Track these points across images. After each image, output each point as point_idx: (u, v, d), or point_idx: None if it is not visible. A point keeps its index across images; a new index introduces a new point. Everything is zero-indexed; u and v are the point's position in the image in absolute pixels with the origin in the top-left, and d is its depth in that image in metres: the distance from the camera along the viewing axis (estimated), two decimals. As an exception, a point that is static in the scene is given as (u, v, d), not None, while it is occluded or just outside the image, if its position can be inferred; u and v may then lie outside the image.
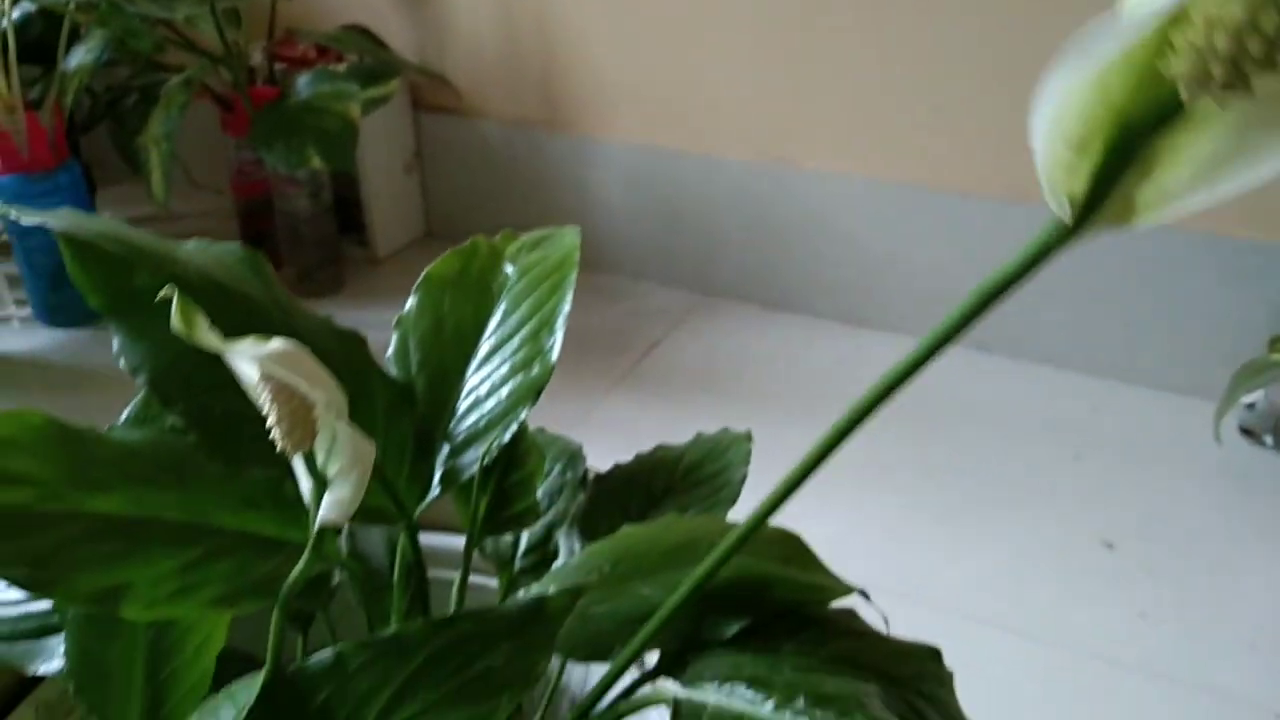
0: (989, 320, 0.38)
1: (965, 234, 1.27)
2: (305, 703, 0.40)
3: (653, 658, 0.48)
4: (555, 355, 0.49)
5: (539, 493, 0.57)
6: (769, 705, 0.38)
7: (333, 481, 0.38)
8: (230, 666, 0.46)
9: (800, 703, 0.37)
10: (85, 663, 0.43)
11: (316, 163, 1.18)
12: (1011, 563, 1.04)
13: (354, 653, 0.40)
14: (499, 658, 0.41)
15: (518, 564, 0.57)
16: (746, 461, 0.59)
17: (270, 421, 0.35)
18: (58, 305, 1.40)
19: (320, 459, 0.37)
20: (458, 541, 0.62)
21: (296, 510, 0.43)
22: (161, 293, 0.35)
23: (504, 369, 0.50)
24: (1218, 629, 0.96)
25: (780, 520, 0.42)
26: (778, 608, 0.49)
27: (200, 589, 0.38)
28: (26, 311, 1.43)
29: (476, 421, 0.49)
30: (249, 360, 0.33)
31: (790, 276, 1.39)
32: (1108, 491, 1.13)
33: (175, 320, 0.32)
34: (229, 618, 0.45)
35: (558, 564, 0.56)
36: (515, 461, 0.55)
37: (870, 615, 0.51)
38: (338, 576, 0.57)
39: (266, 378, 0.34)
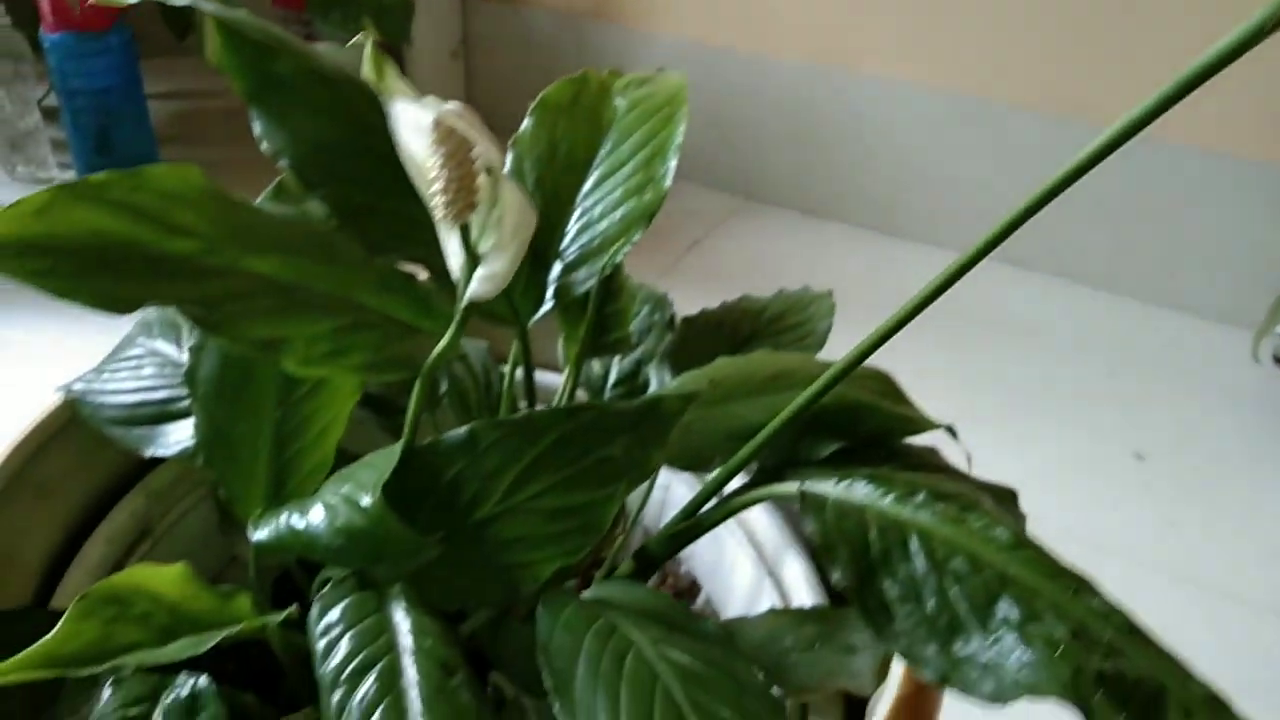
0: (1030, 237, 0.40)
1: (1013, 150, 1.27)
2: (438, 475, 0.42)
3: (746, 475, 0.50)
4: (668, 182, 0.50)
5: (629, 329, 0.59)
6: (890, 498, 0.39)
7: (486, 256, 0.39)
8: (341, 464, 0.47)
9: (921, 496, 0.39)
10: (215, 438, 0.45)
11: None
12: (1044, 469, 1.06)
13: (486, 431, 0.42)
14: (617, 448, 0.43)
15: (608, 394, 0.59)
16: (830, 315, 0.61)
17: (436, 188, 0.36)
18: (102, 169, 1.40)
19: (475, 233, 0.39)
20: (550, 378, 0.63)
21: (428, 303, 0.45)
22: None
23: (617, 193, 0.51)
24: (1243, 541, 0.99)
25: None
26: (869, 436, 0.50)
27: (349, 354, 0.39)
28: (71, 175, 1.44)
29: (589, 241, 0.50)
30: (428, 116, 0.34)
31: (833, 184, 1.39)
32: (1140, 408, 1.15)
33: (366, 68, 0.33)
34: (349, 410, 0.47)
35: (651, 392, 0.57)
36: (613, 293, 0.56)
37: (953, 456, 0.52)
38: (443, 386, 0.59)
39: (443, 137, 0.35)
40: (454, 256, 0.40)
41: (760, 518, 0.57)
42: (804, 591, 0.54)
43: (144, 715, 0.39)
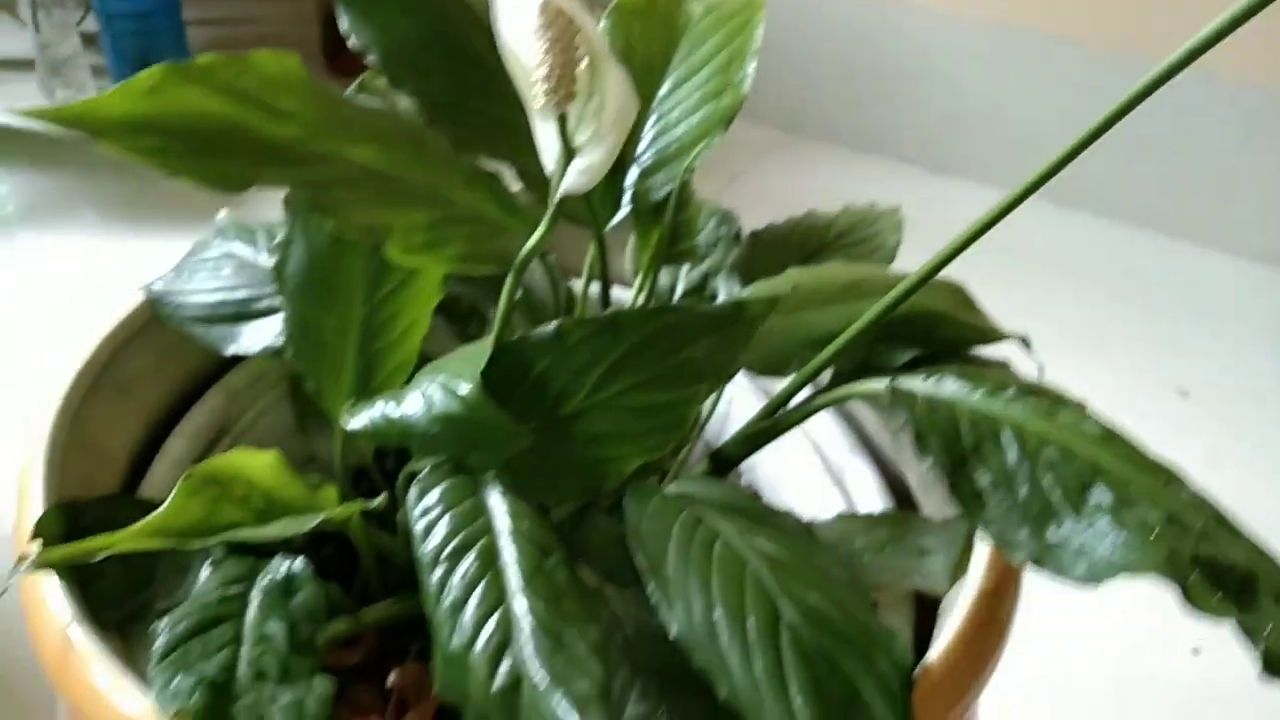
0: (1077, 174, 0.40)
1: (1062, 85, 1.26)
2: (527, 369, 0.42)
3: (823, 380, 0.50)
4: (747, 86, 0.50)
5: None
6: (979, 394, 0.40)
7: (583, 148, 0.39)
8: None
9: (1011, 392, 0.39)
10: (303, 332, 0.46)
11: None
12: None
13: (574, 328, 0.42)
14: (700, 350, 0.43)
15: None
16: (899, 231, 0.61)
17: (539, 73, 0.36)
18: (143, 96, 1.41)
19: (571, 124, 0.39)
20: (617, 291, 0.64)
21: (510, 201, 0.45)
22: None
23: (694, 98, 0.51)
24: (1286, 475, 0.99)
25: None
26: (943, 345, 0.51)
27: (445, 245, 0.40)
28: (111, 100, 1.44)
29: (666, 146, 0.51)
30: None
31: (879, 118, 1.38)
32: (1184, 346, 1.14)
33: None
34: (432, 309, 0.47)
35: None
36: (683, 203, 0.56)
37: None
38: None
39: (551, 19, 0.35)
40: (549, 148, 0.40)
41: (825, 427, 0.58)
42: (871, 499, 0.54)
43: (243, 594, 0.40)
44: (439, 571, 0.37)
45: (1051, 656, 0.80)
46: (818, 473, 0.57)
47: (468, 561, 0.37)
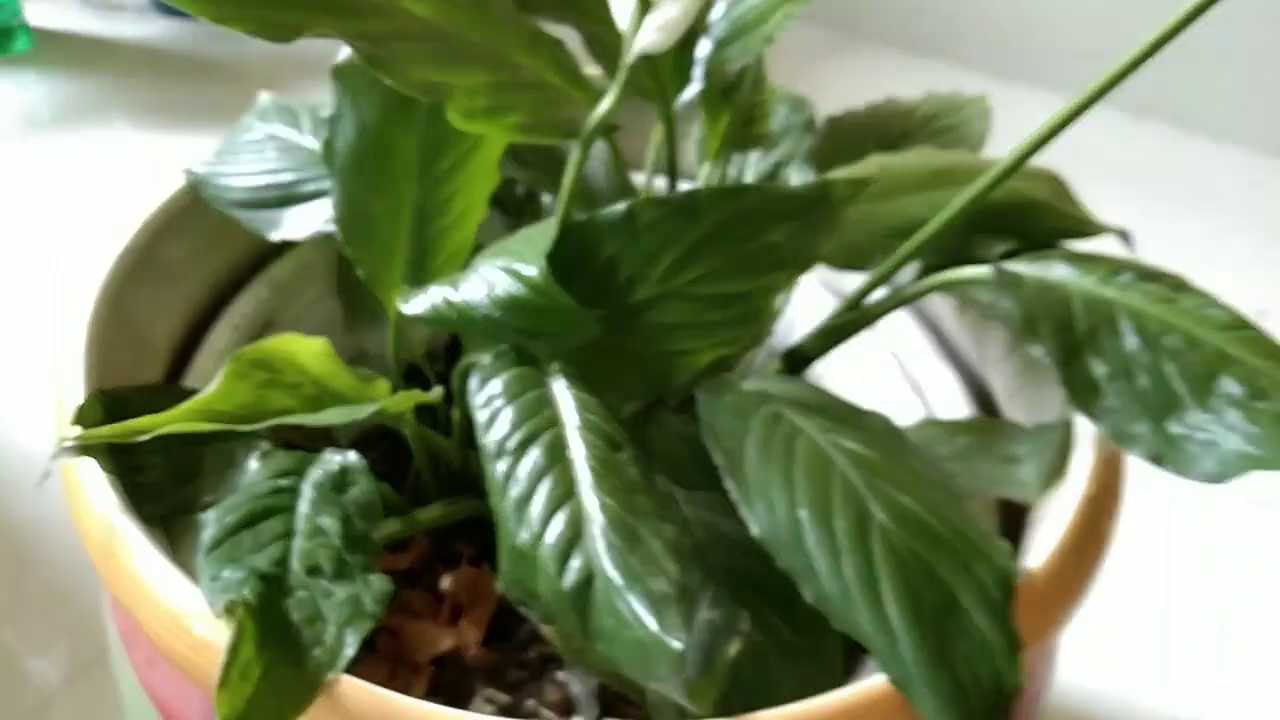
0: (1149, 82, 0.36)
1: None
2: (594, 253, 0.39)
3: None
4: (832, -48, 0.46)
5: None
6: (1092, 278, 0.36)
7: (658, 2, 0.35)
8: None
9: (1127, 276, 0.36)
10: (354, 213, 0.43)
11: None
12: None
13: (646, 208, 0.39)
14: (781, 234, 0.40)
15: (745, 196, 0.56)
16: (987, 117, 0.57)
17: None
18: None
19: (650, -27, 0.35)
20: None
21: (573, 69, 0.41)
22: None
23: (772, -35, 0.47)
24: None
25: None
26: (1040, 236, 0.47)
27: (507, 111, 0.37)
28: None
29: (743, 15, 0.46)
30: None
31: (941, 20, 1.32)
32: (1263, 263, 1.09)
33: None
34: (489, 193, 0.44)
35: (799, 188, 0.54)
36: (756, 82, 0.52)
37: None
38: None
39: None
40: (622, 2, 0.36)
41: (902, 329, 0.55)
42: (953, 406, 0.51)
43: (293, 487, 0.37)
44: (504, 463, 0.34)
45: (1145, 575, 0.77)
46: (894, 377, 0.54)
47: (534, 453, 0.35)
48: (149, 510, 0.39)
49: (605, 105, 0.37)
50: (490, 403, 0.36)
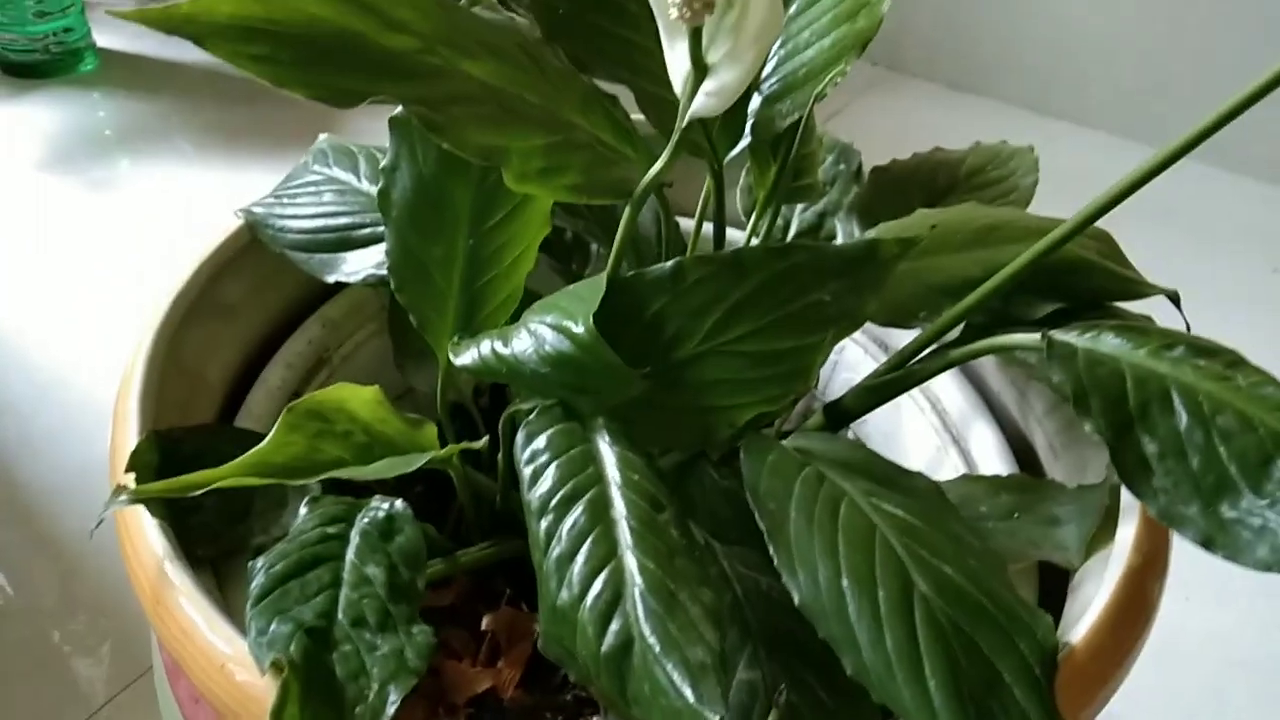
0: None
1: (1183, 20, 1.17)
2: (641, 310, 0.40)
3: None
4: (885, 7, 0.46)
5: (815, 178, 0.55)
6: (1144, 350, 0.36)
7: (716, 67, 0.36)
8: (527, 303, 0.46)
9: (1180, 350, 0.35)
10: (407, 262, 0.44)
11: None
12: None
13: (693, 266, 0.39)
14: (828, 292, 0.40)
15: (789, 247, 0.56)
16: (1035, 170, 0.56)
17: (673, -16, 0.33)
18: None
19: (706, 39, 0.35)
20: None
21: (626, 127, 0.42)
22: None
23: (825, 20, 0.47)
24: None
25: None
26: (1088, 297, 0.47)
27: (561, 173, 0.37)
28: None
29: (794, 71, 0.47)
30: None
31: (983, 55, 1.31)
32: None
33: None
34: (539, 243, 0.45)
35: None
36: (805, 134, 0.53)
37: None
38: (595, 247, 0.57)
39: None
40: (678, 67, 0.37)
41: (946, 384, 0.54)
42: (994, 462, 0.51)
43: (341, 534, 0.38)
44: (547, 520, 0.35)
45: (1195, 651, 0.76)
46: (935, 432, 0.54)
47: (577, 512, 0.35)
48: (201, 551, 0.40)
49: (656, 168, 0.38)
50: (535, 458, 0.37)
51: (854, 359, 0.60)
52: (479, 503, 0.50)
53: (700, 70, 0.36)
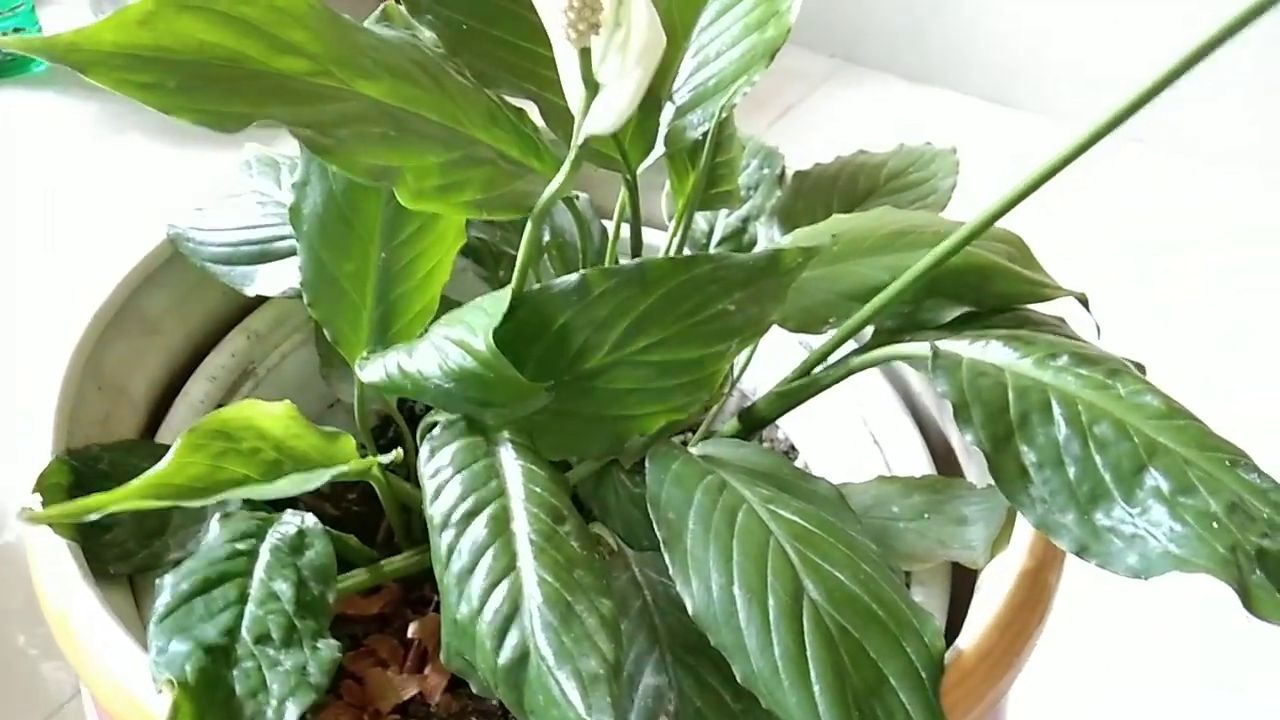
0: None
1: (1141, 13, 1.18)
2: (547, 322, 0.40)
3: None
4: (793, 16, 0.47)
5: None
6: (1029, 360, 0.37)
7: (607, 85, 0.36)
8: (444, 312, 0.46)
9: (1064, 359, 0.36)
10: (320, 277, 0.44)
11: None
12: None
13: (598, 278, 0.40)
14: (732, 303, 0.41)
15: (711, 250, 0.57)
16: (955, 172, 0.57)
17: (559, 4, 0.34)
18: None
19: (596, 59, 0.36)
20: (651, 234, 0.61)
21: (536, 142, 0.42)
22: None
23: (735, 29, 0.48)
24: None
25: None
26: (996, 300, 0.47)
27: (460, 190, 0.38)
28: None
29: (705, 81, 0.47)
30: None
31: (942, 47, 1.32)
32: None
33: None
34: (454, 255, 0.45)
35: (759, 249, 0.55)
36: (723, 142, 0.53)
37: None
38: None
39: (571, -54, 0.32)
40: (571, 85, 0.37)
41: (867, 381, 0.55)
42: (911, 461, 0.52)
43: (251, 550, 0.39)
44: (449, 535, 0.36)
45: (1090, 639, 0.77)
46: (857, 429, 0.55)
47: (478, 526, 0.36)
48: (116, 568, 0.41)
49: (555, 185, 0.38)
50: (438, 473, 0.37)
51: (783, 357, 0.61)
52: (407, 512, 0.51)
53: (591, 89, 0.36)
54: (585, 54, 0.35)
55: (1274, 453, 0.40)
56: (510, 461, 0.38)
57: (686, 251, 0.54)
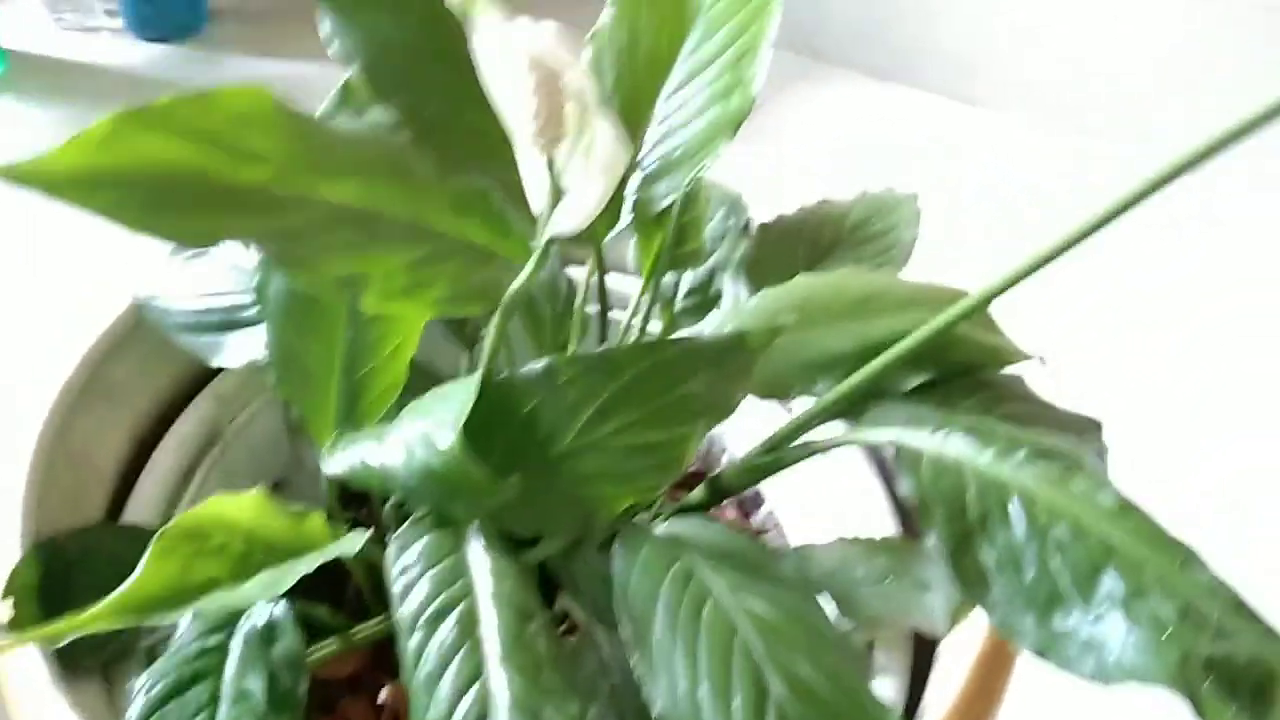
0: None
1: (1099, 10, 1.19)
2: (515, 408, 0.40)
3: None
4: (758, 86, 0.47)
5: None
6: (989, 454, 0.38)
7: (571, 189, 0.36)
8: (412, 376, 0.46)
9: (1022, 454, 0.37)
10: (286, 356, 0.44)
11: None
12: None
13: (565, 366, 0.40)
14: (699, 384, 0.41)
15: (679, 304, 0.57)
16: (916, 223, 0.58)
17: (523, 117, 0.34)
18: (150, 18, 1.36)
19: (560, 163, 0.36)
20: (620, 282, 0.61)
21: (503, 222, 0.42)
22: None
23: (700, 98, 0.48)
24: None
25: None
26: (955, 367, 0.48)
27: (427, 288, 0.38)
28: (118, 23, 1.40)
29: (671, 151, 0.48)
30: (518, 41, 0.32)
31: (904, 43, 1.32)
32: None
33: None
34: (421, 326, 0.45)
35: (726, 306, 0.55)
36: (689, 200, 0.53)
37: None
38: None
39: (534, 64, 0.32)
40: (536, 186, 0.37)
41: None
42: (879, 517, 0.53)
43: (221, 645, 0.39)
44: (416, 638, 0.36)
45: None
46: (824, 485, 0.56)
47: (446, 628, 0.36)
48: (88, 661, 0.41)
49: (520, 281, 0.39)
50: (406, 571, 0.38)
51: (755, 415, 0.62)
52: (376, 573, 0.51)
53: (556, 191, 0.36)
54: (550, 161, 0.35)
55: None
56: (478, 556, 0.39)
57: (655, 314, 0.54)
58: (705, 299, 0.57)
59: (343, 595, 0.54)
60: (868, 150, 1.27)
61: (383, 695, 0.50)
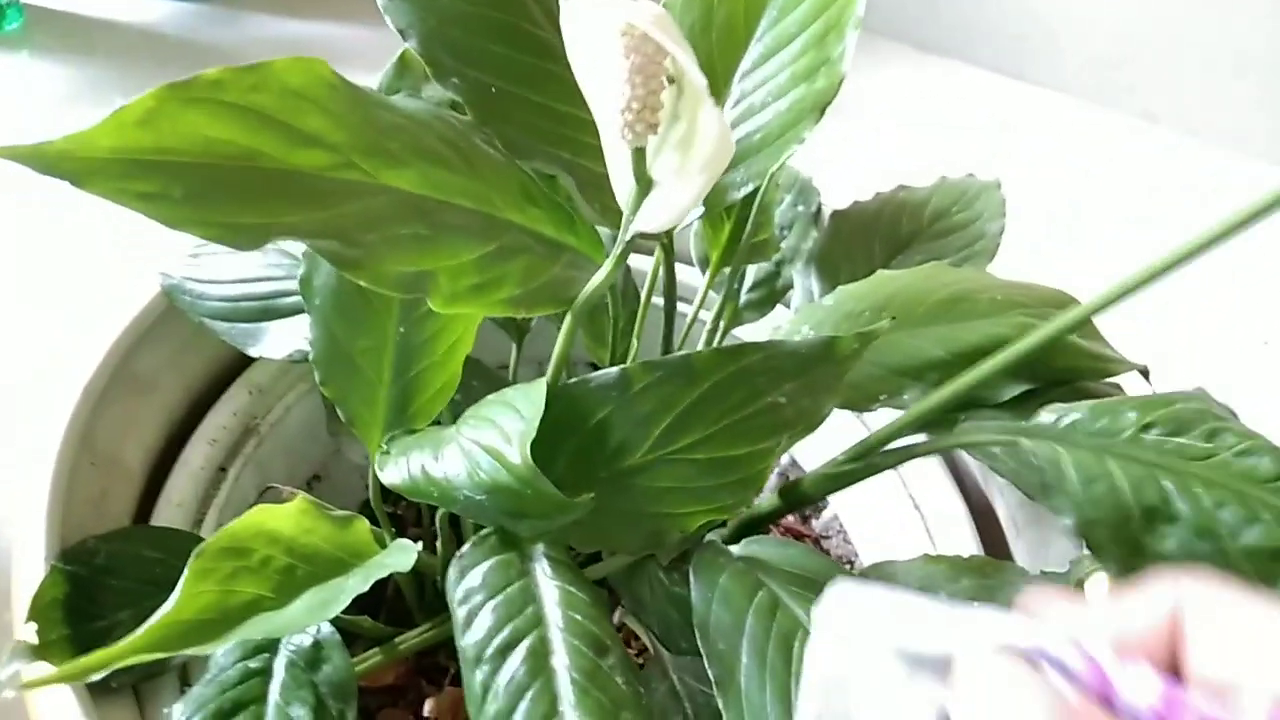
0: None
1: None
2: (585, 418, 0.37)
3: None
4: (845, 65, 0.43)
5: (772, 224, 0.52)
6: (1123, 438, 0.34)
7: (661, 184, 0.33)
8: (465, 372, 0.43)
9: (1157, 432, 0.33)
10: (332, 353, 0.40)
11: None
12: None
13: (640, 373, 0.36)
14: (783, 394, 0.38)
15: (743, 298, 0.53)
16: (1001, 213, 0.54)
17: (618, 104, 0.30)
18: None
19: (650, 154, 0.32)
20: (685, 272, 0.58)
21: (572, 215, 0.39)
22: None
23: (782, 77, 0.44)
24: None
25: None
26: (1055, 376, 0.45)
27: (497, 287, 0.34)
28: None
29: (749, 135, 0.44)
30: (619, 17, 0.28)
31: (953, 17, 1.27)
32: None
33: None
34: (474, 328, 0.42)
35: (798, 302, 0.52)
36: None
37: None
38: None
39: (636, 45, 0.28)
40: (621, 178, 0.33)
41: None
42: (957, 532, 0.49)
43: (265, 668, 0.36)
44: (483, 672, 0.33)
45: None
46: (898, 494, 0.52)
47: (515, 661, 0.33)
48: (118, 680, 0.38)
49: (596, 281, 0.35)
50: (469, 598, 0.34)
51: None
52: (421, 580, 0.48)
53: (644, 185, 0.33)
54: (640, 152, 0.32)
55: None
56: (547, 583, 0.35)
57: (715, 297, 0.51)
58: (772, 291, 0.53)
59: (382, 595, 0.51)
60: (921, 120, 1.23)
61: (428, 708, 0.47)
